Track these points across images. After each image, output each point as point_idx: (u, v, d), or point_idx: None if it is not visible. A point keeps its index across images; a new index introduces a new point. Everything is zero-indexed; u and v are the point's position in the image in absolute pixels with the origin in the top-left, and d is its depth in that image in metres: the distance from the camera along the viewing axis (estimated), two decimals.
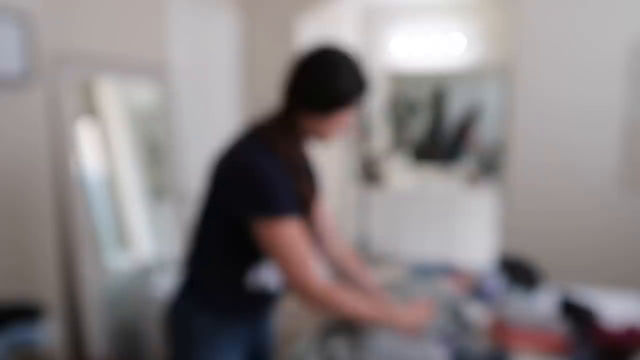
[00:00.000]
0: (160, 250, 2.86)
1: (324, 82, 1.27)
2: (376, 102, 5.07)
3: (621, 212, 3.11)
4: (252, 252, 1.30)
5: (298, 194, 1.28)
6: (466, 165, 4.66)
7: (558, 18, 3.14)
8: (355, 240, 4.36)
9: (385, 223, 4.48)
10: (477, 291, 2.19)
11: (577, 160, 3.17)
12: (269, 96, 3.70)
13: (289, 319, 3.44)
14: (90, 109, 2.58)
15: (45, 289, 2.01)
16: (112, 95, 2.70)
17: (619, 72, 3.03)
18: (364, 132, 4.27)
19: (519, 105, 3.26)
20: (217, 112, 3.52)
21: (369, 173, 4.63)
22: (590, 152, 3.14)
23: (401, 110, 4.98)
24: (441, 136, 5.04)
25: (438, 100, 5.09)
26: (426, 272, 2.42)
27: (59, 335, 2.03)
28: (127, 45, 2.56)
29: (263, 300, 1.40)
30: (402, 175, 4.77)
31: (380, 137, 5.18)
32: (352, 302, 1.27)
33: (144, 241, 2.81)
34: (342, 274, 1.56)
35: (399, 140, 5.14)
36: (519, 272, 2.15)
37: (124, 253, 2.70)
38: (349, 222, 4.52)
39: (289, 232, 1.22)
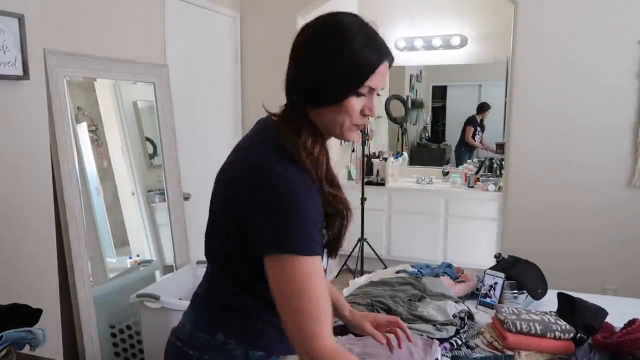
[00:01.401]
0: (158, 250, 2.85)
1: (320, 66, 0.97)
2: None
3: (629, 213, 3.10)
4: None
5: (335, 207, 1.02)
6: (467, 165, 4.65)
7: (561, 18, 3.13)
8: (355, 241, 4.35)
9: (385, 223, 4.47)
10: (478, 291, 2.18)
11: (581, 160, 3.15)
12: (267, 95, 3.69)
13: None
14: (88, 109, 2.57)
15: (44, 289, 2.00)
16: (110, 95, 2.70)
17: (627, 70, 3.02)
18: (363, 131, 4.26)
19: (519, 105, 3.25)
20: (215, 112, 3.51)
21: (369, 173, 4.62)
22: (595, 151, 3.13)
23: (401, 109, 4.97)
24: (442, 135, 5.04)
25: (439, 99, 5.09)
26: (427, 272, 2.41)
27: (57, 335, 2.02)
28: (125, 46, 2.55)
29: None
30: (402, 175, 4.76)
31: (380, 136, 5.17)
32: None
33: (142, 241, 2.80)
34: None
35: (399, 139, 5.14)
36: (528, 277, 2.14)
37: (122, 253, 2.70)
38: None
39: (309, 276, 0.93)
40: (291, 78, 1.03)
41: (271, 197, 0.93)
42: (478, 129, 4.88)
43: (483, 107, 4.84)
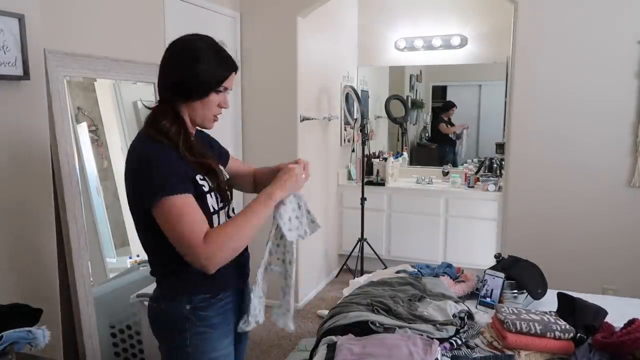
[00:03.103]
0: None
1: (185, 71, 1.33)
2: (376, 100, 5.06)
3: (629, 213, 3.09)
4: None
5: (201, 167, 1.35)
6: (467, 165, 4.65)
7: (560, 18, 3.13)
8: (356, 240, 4.35)
9: (385, 223, 4.47)
10: (478, 291, 2.18)
11: (581, 160, 3.15)
12: (267, 95, 3.71)
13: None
14: (88, 109, 2.57)
15: (44, 289, 2.00)
16: (110, 95, 2.70)
17: (627, 70, 3.02)
18: (363, 131, 4.26)
19: (519, 105, 3.25)
20: None
21: (369, 173, 4.62)
22: (595, 151, 3.12)
23: (401, 109, 4.97)
24: (442, 135, 5.04)
25: (439, 99, 5.09)
26: (427, 272, 2.41)
27: (57, 335, 2.02)
28: (125, 46, 2.55)
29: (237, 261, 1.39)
30: (402, 175, 4.76)
31: (380, 136, 5.17)
32: (233, 227, 1.30)
33: None
34: (259, 181, 1.64)
35: (399, 139, 5.14)
36: (528, 277, 2.14)
37: (122, 253, 2.70)
38: (349, 222, 4.50)
39: (180, 208, 1.24)
40: (164, 82, 1.38)
41: (136, 166, 1.29)
42: (449, 126, 4.96)
43: (448, 106, 4.93)
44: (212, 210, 1.35)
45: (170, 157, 1.29)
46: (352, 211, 4.46)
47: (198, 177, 1.34)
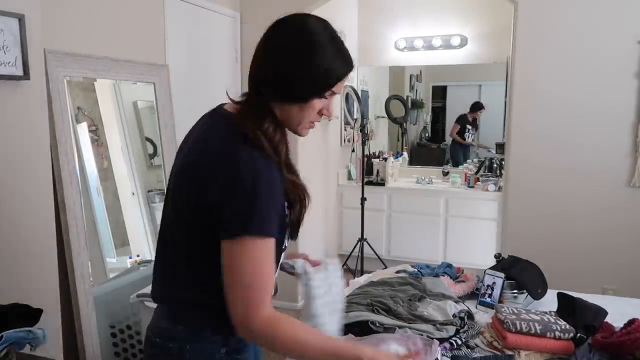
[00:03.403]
0: None
1: (291, 64, 1.04)
2: (376, 99, 5.06)
3: (629, 213, 3.09)
4: None
5: (296, 189, 1.07)
6: (467, 165, 4.65)
7: (560, 18, 3.13)
8: (355, 241, 4.35)
9: (385, 223, 4.47)
10: (478, 291, 2.18)
11: (581, 160, 3.15)
12: None
13: None
14: (88, 109, 2.57)
15: (44, 289, 2.00)
16: (110, 95, 2.70)
17: (627, 70, 3.02)
18: (363, 131, 4.26)
19: (519, 105, 3.25)
20: None
21: (369, 173, 4.62)
22: (595, 151, 3.12)
23: (401, 109, 4.97)
24: (442, 135, 5.04)
25: (439, 99, 5.10)
26: (427, 272, 2.41)
27: (57, 335, 2.02)
28: (125, 46, 2.55)
29: None
30: (402, 175, 4.76)
31: (380, 136, 5.17)
32: (305, 341, 1.01)
33: (142, 241, 2.80)
34: None
35: (399, 139, 5.14)
36: (528, 277, 2.14)
37: (122, 253, 2.70)
38: (349, 222, 4.50)
39: (265, 255, 0.99)
40: (261, 71, 1.07)
41: (238, 182, 0.98)
42: (468, 127, 4.93)
43: (475, 107, 4.90)
44: (283, 247, 1.11)
45: (277, 180, 1.02)
46: (352, 211, 4.45)
47: (286, 204, 1.07)
